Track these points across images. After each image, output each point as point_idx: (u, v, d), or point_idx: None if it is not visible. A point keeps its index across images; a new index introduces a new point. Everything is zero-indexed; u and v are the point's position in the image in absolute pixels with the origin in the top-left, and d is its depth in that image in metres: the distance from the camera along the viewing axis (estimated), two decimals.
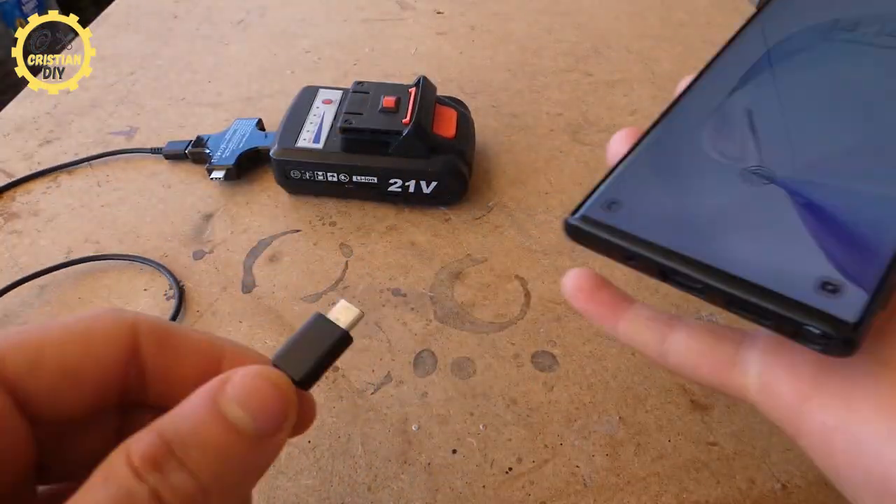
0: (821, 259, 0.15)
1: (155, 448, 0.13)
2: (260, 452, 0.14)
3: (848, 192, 0.17)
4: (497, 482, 0.27)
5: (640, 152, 0.19)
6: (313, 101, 0.42)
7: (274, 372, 0.15)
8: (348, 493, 0.27)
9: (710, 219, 0.17)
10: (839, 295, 0.14)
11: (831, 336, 0.14)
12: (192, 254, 0.37)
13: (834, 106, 0.19)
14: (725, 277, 0.15)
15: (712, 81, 0.21)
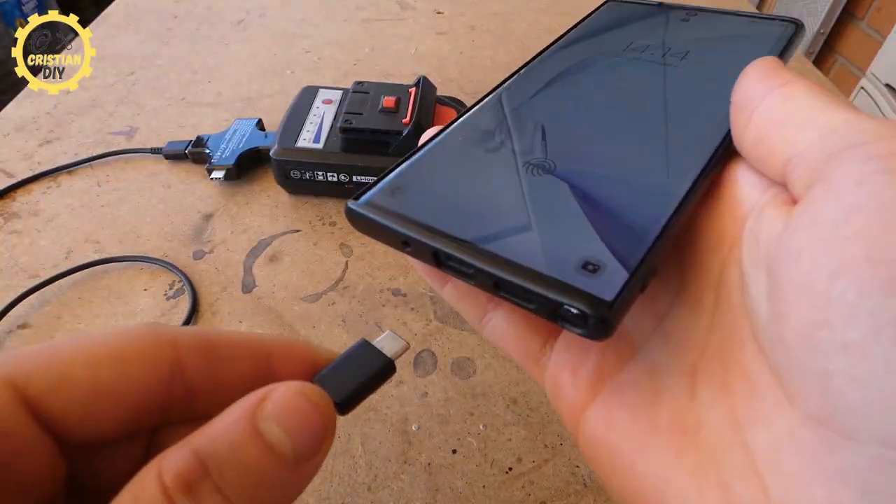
0: (586, 242, 0.16)
1: (189, 468, 0.12)
2: (296, 476, 0.14)
3: (616, 183, 0.18)
4: (497, 482, 0.27)
5: (433, 144, 0.20)
6: (313, 101, 0.42)
7: (315, 389, 0.14)
8: (348, 493, 0.27)
9: (488, 206, 0.17)
10: (599, 274, 0.15)
11: (588, 315, 0.14)
12: (192, 254, 0.37)
13: (612, 111, 0.21)
14: (493, 259, 0.16)
15: (512, 88, 0.23)
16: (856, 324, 0.11)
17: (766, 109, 0.16)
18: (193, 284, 0.35)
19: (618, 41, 0.25)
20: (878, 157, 0.12)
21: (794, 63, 0.59)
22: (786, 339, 0.13)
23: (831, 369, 0.11)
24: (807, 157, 0.14)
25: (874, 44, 1.12)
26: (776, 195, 0.15)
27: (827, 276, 0.12)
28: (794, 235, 0.13)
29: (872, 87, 1.09)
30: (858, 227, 0.12)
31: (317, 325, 0.34)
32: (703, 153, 0.18)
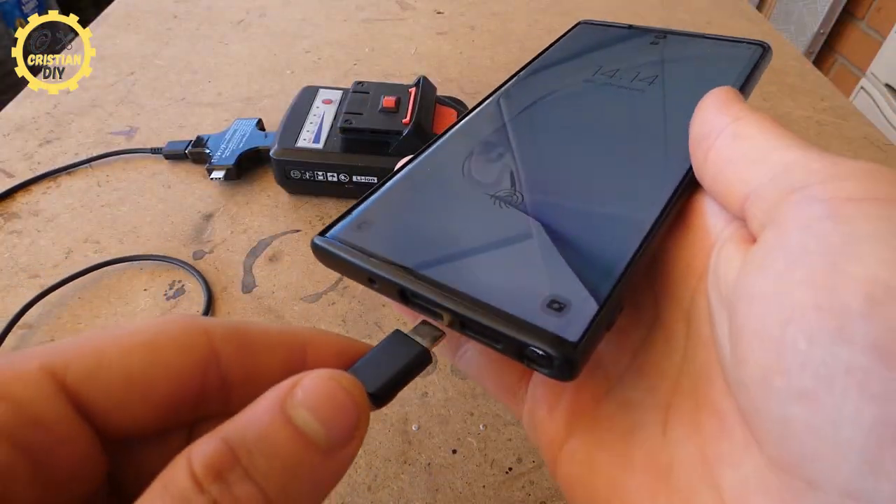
0: (552, 278, 0.16)
1: (219, 455, 0.12)
2: (330, 464, 0.13)
3: (582, 216, 0.18)
4: (497, 482, 0.27)
5: (400, 177, 0.20)
6: (313, 101, 0.42)
7: (346, 376, 0.14)
8: (348, 493, 0.27)
9: (454, 242, 0.17)
10: (565, 313, 0.15)
11: (553, 357, 0.14)
12: (192, 254, 0.37)
13: (580, 141, 0.21)
14: (458, 298, 0.15)
15: (480, 117, 0.23)
16: (808, 372, 0.11)
17: (721, 147, 0.16)
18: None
19: (589, 65, 0.25)
20: (822, 200, 0.13)
21: (793, 64, 0.60)
22: (746, 384, 0.13)
23: (789, 416, 0.11)
24: (761, 195, 0.14)
25: (874, 44, 1.12)
26: (737, 229, 0.16)
27: (779, 323, 0.12)
28: (748, 280, 0.13)
29: (872, 87, 1.09)
30: (806, 273, 0.12)
31: (317, 326, 0.33)
32: (669, 183, 0.18)
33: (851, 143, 0.50)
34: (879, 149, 0.49)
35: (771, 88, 0.56)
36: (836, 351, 0.11)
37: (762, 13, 1.36)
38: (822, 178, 0.13)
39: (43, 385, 0.13)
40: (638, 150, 0.20)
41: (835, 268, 0.11)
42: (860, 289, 0.11)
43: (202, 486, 0.12)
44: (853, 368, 0.11)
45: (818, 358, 0.11)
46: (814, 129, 0.51)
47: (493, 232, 0.18)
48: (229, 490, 0.12)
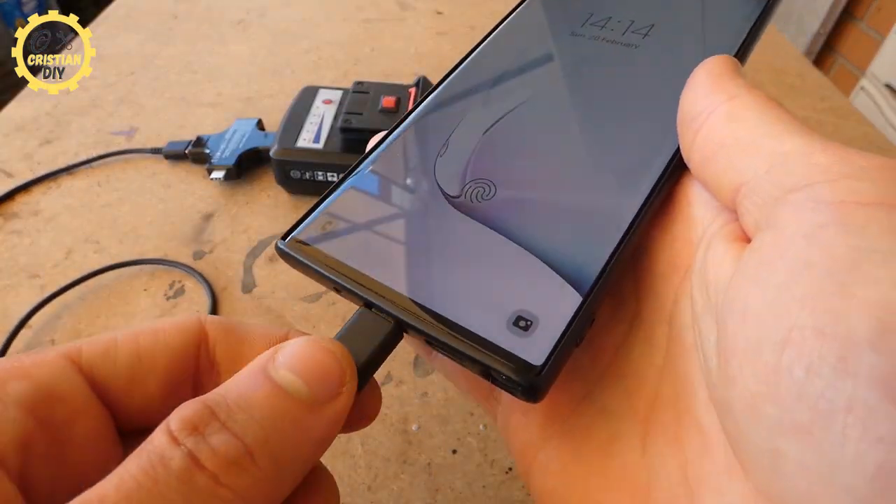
0: (519, 292, 0.15)
1: (196, 413, 0.12)
2: (316, 421, 0.13)
3: (555, 218, 0.16)
4: (497, 482, 0.27)
5: (366, 167, 0.19)
6: (313, 101, 0.42)
7: (328, 339, 0.14)
8: (348, 493, 0.27)
9: (419, 248, 0.16)
10: (531, 332, 0.14)
11: (516, 382, 0.13)
12: (192, 254, 0.37)
13: (558, 116, 0.19)
14: (423, 314, 0.15)
15: (452, 90, 0.21)
16: (804, 404, 0.10)
17: (712, 129, 0.14)
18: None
19: (579, 12, 0.22)
20: (827, 204, 0.11)
21: (793, 64, 0.60)
22: (733, 407, 0.11)
23: (781, 450, 0.10)
24: (756, 189, 0.13)
25: (874, 44, 1.12)
26: (726, 223, 0.14)
27: (774, 346, 0.10)
28: (741, 291, 0.12)
29: (872, 87, 1.09)
30: (807, 290, 0.10)
31: (317, 326, 0.33)
32: (653, 169, 0.17)
33: (851, 143, 0.50)
34: (879, 149, 0.49)
35: (771, 88, 0.56)
36: (838, 384, 0.09)
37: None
38: (830, 176, 0.11)
39: (61, 365, 0.14)
40: (623, 126, 0.18)
41: (841, 287, 0.10)
42: (869, 314, 0.09)
43: (177, 440, 0.11)
44: (856, 405, 0.09)
45: (817, 389, 0.10)
46: (814, 129, 0.51)
47: (460, 239, 0.16)
48: (205, 441, 0.11)
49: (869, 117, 0.53)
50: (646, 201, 0.16)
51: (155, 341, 0.15)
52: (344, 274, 0.16)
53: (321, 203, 0.18)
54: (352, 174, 0.19)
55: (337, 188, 0.18)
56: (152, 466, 0.11)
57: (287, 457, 0.12)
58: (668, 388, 0.14)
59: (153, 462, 0.11)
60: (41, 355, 0.14)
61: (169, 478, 0.11)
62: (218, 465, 0.11)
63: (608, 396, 0.15)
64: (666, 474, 0.13)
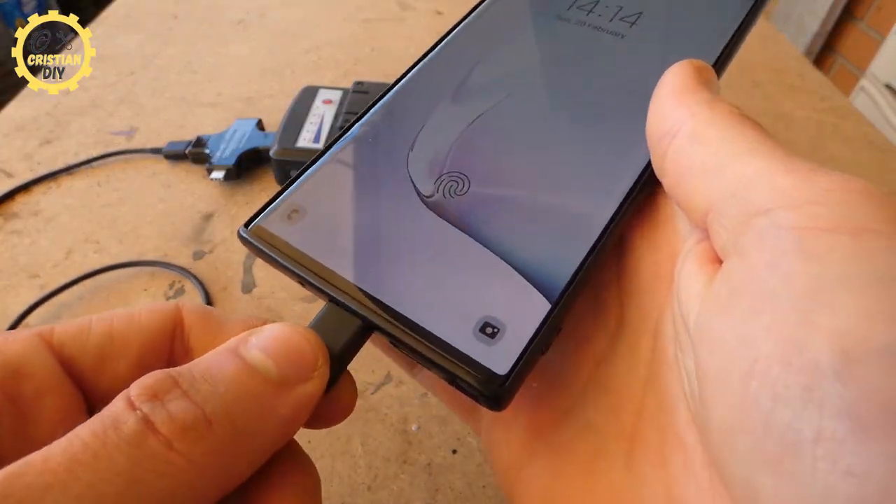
0: (488, 296, 0.14)
1: (157, 381, 0.12)
2: (282, 401, 0.13)
3: (528, 230, 0.16)
4: (497, 482, 0.27)
5: (335, 152, 0.18)
6: (313, 101, 0.42)
7: (303, 327, 0.14)
8: (348, 493, 0.27)
9: (387, 243, 0.16)
10: (497, 340, 0.14)
11: (480, 391, 0.13)
12: (192, 254, 0.37)
13: (538, 114, 0.18)
14: (388, 315, 0.14)
15: (427, 77, 0.20)
16: (774, 436, 0.10)
17: (678, 152, 0.14)
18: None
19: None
20: (790, 230, 0.11)
21: (793, 64, 0.60)
22: (712, 436, 0.11)
23: (756, 481, 0.10)
24: (722, 212, 0.13)
25: (874, 44, 1.12)
26: (698, 242, 0.14)
27: (741, 376, 0.10)
28: (710, 321, 0.12)
29: (872, 87, 1.09)
30: (772, 321, 0.10)
31: None
32: (631, 171, 0.16)
33: (851, 143, 0.50)
34: (879, 149, 0.49)
35: (771, 88, 0.56)
36: (805, 414, 0.09)
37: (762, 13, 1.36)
38: (791, 202, 0.11)
39: (32, 343, 0.14)
40: (604, 125, 0.17)
41: (804, 316, 0.10)
42: (832, 344, 0.09)
43: (134, 405, 0.11)
44: (824, 436, 0.09)
45: (784, 420, 0.10)
46: (814, 129, 0.51)
47: (431, 237, 0.16)
48: (163, 406, 0.11)
49: (869, 117, 0.53)
50: (622, 206, 0.16)
51: (129, 323, 0.15)
52: (308, 267, 0.15)
53: (287, 189, 0.17)
54: (321, 160, 0.18)
55: (303, 174, 0.17)
56: (103, 430, 0.11)
57: (248, 431, 0.12)
58: (651, 401, 0.14)
59: (105, 425, 0.11)
60: (13, 333, 0.14)
61: (119, 441, 0.11)
62: (173, 431, 0.11)
63: (592, 410, 0.15)
64: (651, 495, 0.13)
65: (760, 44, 0.62)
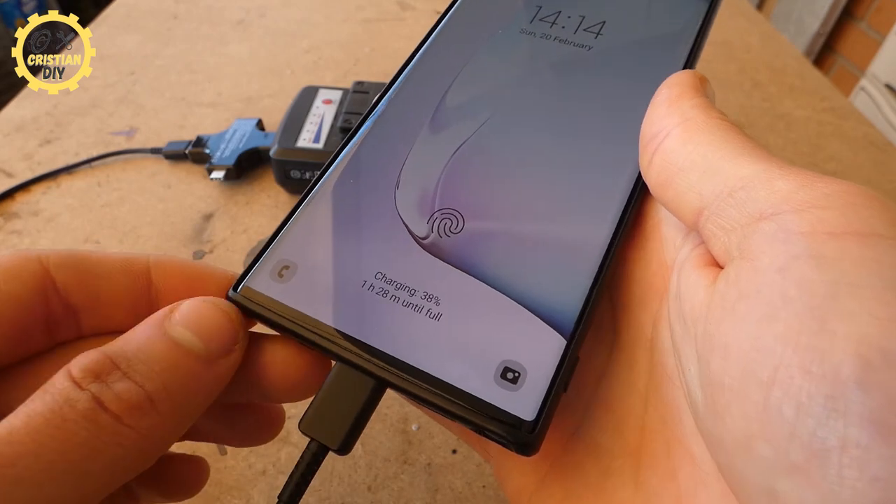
0: (503, 339, 0.14)
1: (97, 362, 0.13)
2: (210, 373, 0.14)
3: (529, 265, 0.15)
4: (497, 482, 0.27)
5: (317, 197, 0.17)
6: (313, 101, 0.42)
7: (222, 300, 0.15)
8: (348, 493, 0.27)
9: (393, 298, 0.15)
10: (519, 385, 0.13)
11: (509, 439, 0.13)
12: (193, 254, 0.37)
13: (517, 139, 0.17)
14: (403, 371, 0.14)
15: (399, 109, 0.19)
16: (798, 444, 0.10)
17: (667, 153, 0.14)
18: None
19: (527, 4, 0.20)
20: (800, 234, 0.11)
21: (793, 64, 0.59)
22: (724, 443, 0.11)
23: (777, 489, 0.10)
24: (719, 213, 0.13)
25: (874, 44, 1.12)
26: (695, 247, 0.14)
27: (760, 385, 0.10)
28: (721, 325, 0.12)
29: (872, 88, 1.09)
30: (788, 328, 0.10)
31: None
32: (621, 191, 0.16)
33: (851, 143, 0.50)
34: (879, 149, 0.49)
35: (771, 88, 0.56)
36: (830, 423, 0.09)
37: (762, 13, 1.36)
38: (796, 206, 0.11)
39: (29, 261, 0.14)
40: (586, 143, 0.17)
41: (821, 324, 0.10)
42: (851, 351, 0.09)
43: (81, 385, 0.12)
44: (850, 444, 0.09)
45: (808, 428, 0.10)
46: (814, 129, 0.51)
47: (434, 282, 0.15)
48: (109, 387, 0.12)
49: (869, 117, 0.53)
50: (619, 225, 0.15)
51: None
52: (310, 328, 0.15)
53: (271, 244, 0.16)
54: (302, 207, 0.17)
55: (285, 225, 0.16)
56: (59, 406, 0.12)
57: (183, 404, 0.13)
58: (654, 415, 0.14)
59: (58, 402, 0.12)
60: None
61: (76, 416, 0.12)
62: (121, 408, 0.12)
63: (597, 430, 0.15)
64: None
65: (760, 44, 0.62)
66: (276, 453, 0.28)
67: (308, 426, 0.14)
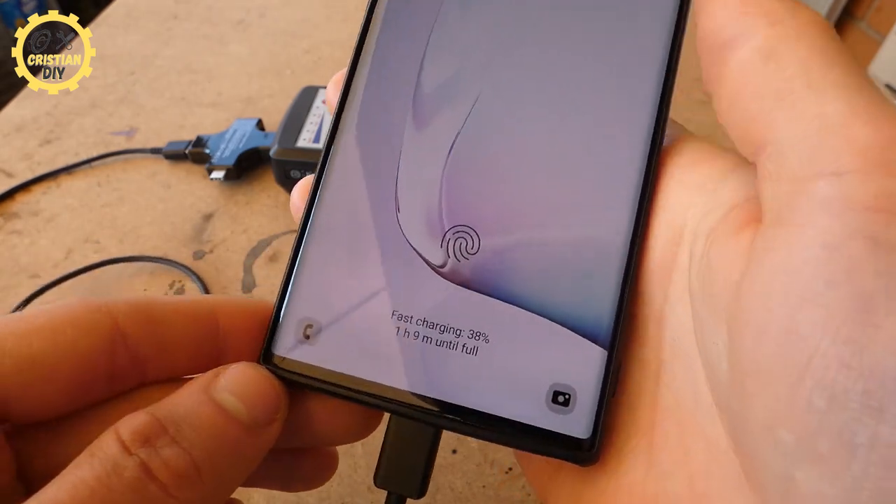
0: (546, 361, 0.14)
1: (146, 425, 0.12)
2: (254, 441, 0.14)
3: (556, 277, 0.14)
4: (497, 482, 0.27)
5: (316, 240, 0.15)
6: (313, 101, 0.42)
7: (263, 369, 0.15)
8: (348, 493, 0.27)
9: (429, 339, 0.14)
10: (571, 406, 0.13)
11: (573, 457, 0.13)
12: (193, 254, 0.37)
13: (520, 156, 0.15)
14: (458, 414, 0.14)
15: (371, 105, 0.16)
16: (825, 436, 0.09)
17: (744, 67, 0.12)
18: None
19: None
20: (857, 210, 0.10)
21: None
22: (747, 424, 0.11)
23: (797, 478, 0.10)
24: (780, 158, 0.11)
25: (874, 44, 1.12)
26: (728, 211, 0.13)
27: (793, 370, 0.10)
28: (757, 300, 0.11)
29: None
30: (830, 314, 0.09)
31: None
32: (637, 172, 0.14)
33: None
34: None
35: None
36: (864, 419, 0.09)
37: None
38: (865, 164, 0.10)
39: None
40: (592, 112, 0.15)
41: (866, 316, 0.09)
42: (894, 349, 0.09)
43: (129, 449, 0.12)
44: (880, 444, 0.09)
45: (839, 422, 0.09)
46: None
47: (463, 314, 0.14)
48: (157, 452, 0.12)
49: None
50: (639, 213, 0.14)
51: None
52: (355, 388, 0.14)
53: (283, 302, 0.15)
54: (303, 254, 0.15)
55: (293, 277, 0.15)
56: (106, 474, 0.11)
57: (227, 474, 0.13)
58: (667, 393, 0.14)
59: (107, 469, 0.11)
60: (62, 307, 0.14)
61: (122, 486, 0.11)
62: (169, 478, 0.12)
63: (611, 409, 0.15)
64: (673, 490, 0.13)
65: None
66: None
67: (385, 481, 0.15)
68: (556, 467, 0.16)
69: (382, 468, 0.15)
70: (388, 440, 0.15)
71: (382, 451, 0.15)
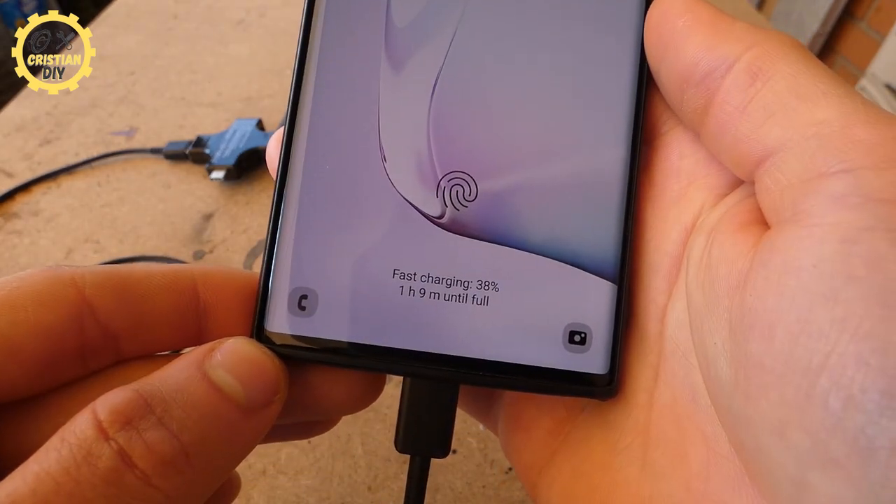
0: (559, 300, 0.13)
1: (129, 403, 0.11)
2: (249, 424, 0.12)
3: (558, 216, 0.14)
4: (497, 482, 0.27)
5: (301, 197, 0.14)
6: None
7: (261, 346, 0.13)
8: (348, 493, 0.27)
9: (436, 295, 0.14)
10: (588, 344, 0.13)
11: (592, 395, 0.14)
12: (193, 254, 0.37)
13: (510, 92, 0.14)
14: (475, 367, 0.13)
15: (340, 45, 0.14)
16: (841, 438, 0.09)
17: (731, 91, 0.12)
18: None
19: None
20: (875, 202, 0.09)
21: None
22: (754, 426, 0.10)
23: (809, 482, 0.09)
24: (782, 166, 0.11)
25: (874, 44, 1.12)
26: (734, 205, 0.12)
27: (807, 370, 0.09)
28: (765, 300, 0.10)
29: (872, 88, 1.09)
30: (848, 310, 0.09)
31: None
32: (627, 101, 0.14)
33: None
34: None
35: None
36: (883, 421, 0.08)
37: (762, 13, 1.36)
38: (876, 161, 0.09)
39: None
40: (575, 40, 0.14)
41: (889, 312, 0.09)
42: None
43: (107, 433, 0.10)
44: None
45: (856, 424, 0.09)
46: None
47: (468, 264, 0.14)
48: (140, 436, 0.10)
49: None
50: (634, 142, 0.14)
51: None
52: (363, 356, 0.14)
53: (270, 272, 0.14)
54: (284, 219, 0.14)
55: (277, 245, 0.14)
56: (76, 465, 0.10)
57: (217, 461, 0.12)
58: (665, 391, 0.13)
59: (77, 459, 0.10)
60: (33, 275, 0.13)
61: (94, 479, 0.10)
62: (152, 465, 0.10)
63: (606, 405, 0.15)
64: (668, 490, 0.13)
65: None
66: (276, 453, 0.28)
67: (406, 446, 0.14)
68: (549, 458, 0.15)
69: (403, 433, 0.14)
70: (405, 403, 0.14)
71: (400, 416, 0.14)
